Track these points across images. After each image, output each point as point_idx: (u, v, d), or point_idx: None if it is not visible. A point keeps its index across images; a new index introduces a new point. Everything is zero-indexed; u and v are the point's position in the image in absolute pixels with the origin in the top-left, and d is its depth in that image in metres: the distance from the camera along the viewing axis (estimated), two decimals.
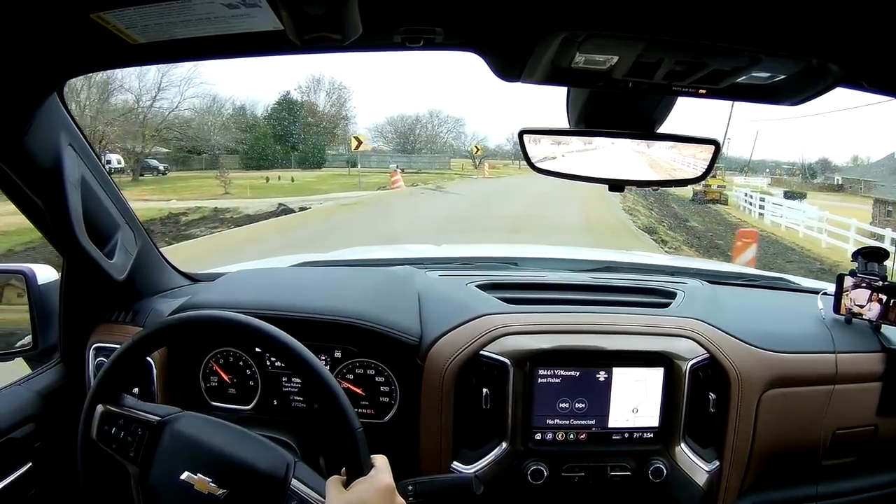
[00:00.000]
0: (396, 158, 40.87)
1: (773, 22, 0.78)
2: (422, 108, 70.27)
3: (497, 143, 58.81)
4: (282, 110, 41.45)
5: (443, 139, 47.28)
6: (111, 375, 1.06)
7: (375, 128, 49.56)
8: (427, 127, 48.81)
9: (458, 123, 48.92)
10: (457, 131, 49.08)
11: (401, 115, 49.46)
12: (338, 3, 0.72)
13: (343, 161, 39.73)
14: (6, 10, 0.83)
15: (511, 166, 46.17)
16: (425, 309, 1.47)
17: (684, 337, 1.39)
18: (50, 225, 1.24)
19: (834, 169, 48.53)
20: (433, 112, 49.44)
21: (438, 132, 48.75)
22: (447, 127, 48.91)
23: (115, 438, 1.03)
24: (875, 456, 1.58)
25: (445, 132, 48.34)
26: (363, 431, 0.96)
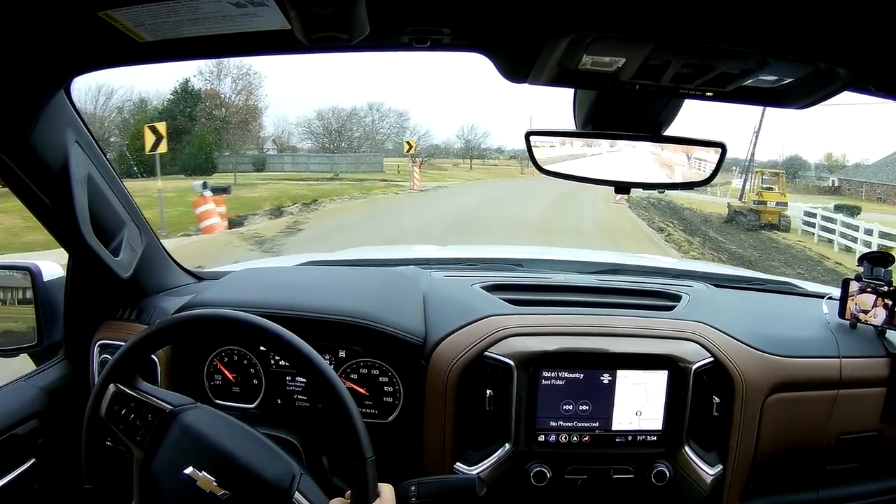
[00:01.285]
0: (316, 159, 35.45)
1: (780, 25, 0.78)
2: (360, 100, 62.91)
3: (444, 138, 52.01)
4: (178, 102, 32.89)
5: (384, 135, 41.19)
6: (129, 356, 1.06)
7: (301, 122, 42.16)
8: (366, 122, 42.13)
9: (402, 118, 42.08)
10: (400, 126, 42.36)
11: (335, 108, 41.67)
12: (345, 3, 0.72)
13: (249, 164, 33.08)
14: (14, 6, 0.83)
15: (460, 167, 41.12)
16: (430, 309, 1.47)
17: (689, 340, 1.39)
18: (56, 222, 1.25)
19: (807, 167, 45.95)
20: (373, 105, 42.26)
21: (379, 127, 42.33)
22: (389, 122, 42.42)
23: (125, 420, 1.03)
24: (879, 461, 1.58)
25: (387, 127, 42.10)
26: (374, 461, 0.96)
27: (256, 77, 36.49)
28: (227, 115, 36.11)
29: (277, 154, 36.77)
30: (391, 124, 41.90)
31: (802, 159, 47.69)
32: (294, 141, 40.73)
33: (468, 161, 42.89)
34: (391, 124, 41.90)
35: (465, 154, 44.04)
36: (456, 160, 44.04)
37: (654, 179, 1.14)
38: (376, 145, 40.63)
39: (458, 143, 46.61)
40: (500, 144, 50.46)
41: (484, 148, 47.23)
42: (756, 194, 18.59)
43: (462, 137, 45.63)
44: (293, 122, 44.65)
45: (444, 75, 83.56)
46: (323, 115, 41.43)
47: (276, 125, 42.43)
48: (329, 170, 31.94)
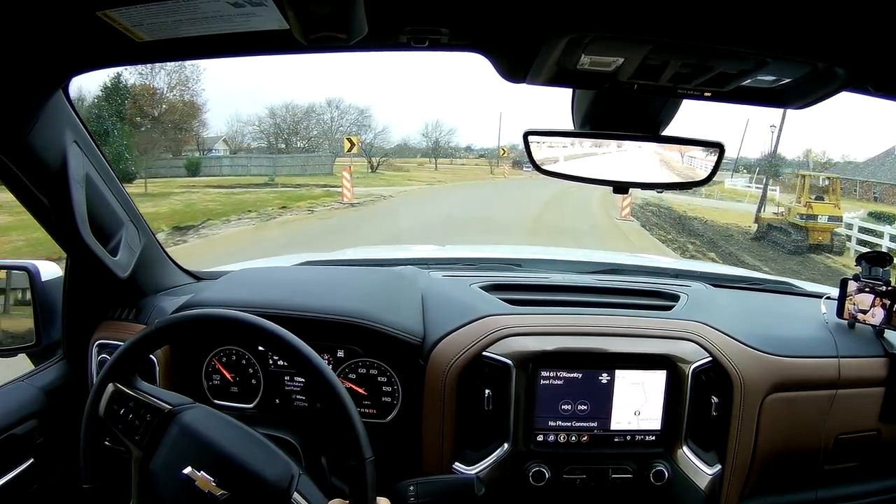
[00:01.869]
0: (257, 161, 30.60)
1: (779, 25, 0.78)
2: (320, 96, 58.17)
3: (404, 134, 47.80)
4: (107, 100, 25.29)
5: (344, 133, 34.38)
6: (128, 356, 1.06)
7: (250, 121, 36.68)
8: (324, 119, 37.40)
9: (364, 115, 37.11)
10: (361, 123, 37.28)
11: (288, 105, 36.53)
12: (344, 3, 0.72)
13: (181, 168, 26.78)
14: (13, 6, 0.83)
15: (426, 166, 37.23)
16: (428, 309, 1.47)
17: (687, 340, 1.39)
18: (54, 222, 1.25)
19: (786, 164, 43.22)
20: (332, 101, 37.38)
21: (339, 125, 37.24)
22: (350, 119, 37.40)
23: (123, 419, 1.03)
24: (877, 461, 1.58)
25: (347, 125, 36.91)
26: (374, 461, 0.96)
27: (194, 70, 30.05)
28: (161, 114, 29.70)
29: (216, 156, 31.62)
30: (352, 122, 37.39)
31: (781, 156, 44.47)
32: (249, 141, 36.04)
33: (432, 161, 39.68)
34: (352, 122, 37.39)
35: (430, 153, 41.10)
36: (423, 159, 40.81)
37: (652, 179, 1.14)
38: (336, 144, 35.04)
39: (423, 142, 42.67)
40: (469, 143, 47.45)
41: (453, 146, 44.04)
42: (804, 206, 14.30)
43: (427, 135, 42.08)
44: (243, 119, 39.94)
45: (409, 70, 79.50)
46: (276, 112, 36.68)
47: (231, 124, 37.44)
48: (272, 172, 27.45)
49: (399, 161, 38.20)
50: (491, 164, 36.39)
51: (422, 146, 42.60)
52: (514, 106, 68.01)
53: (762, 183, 19.40)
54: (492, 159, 37.43)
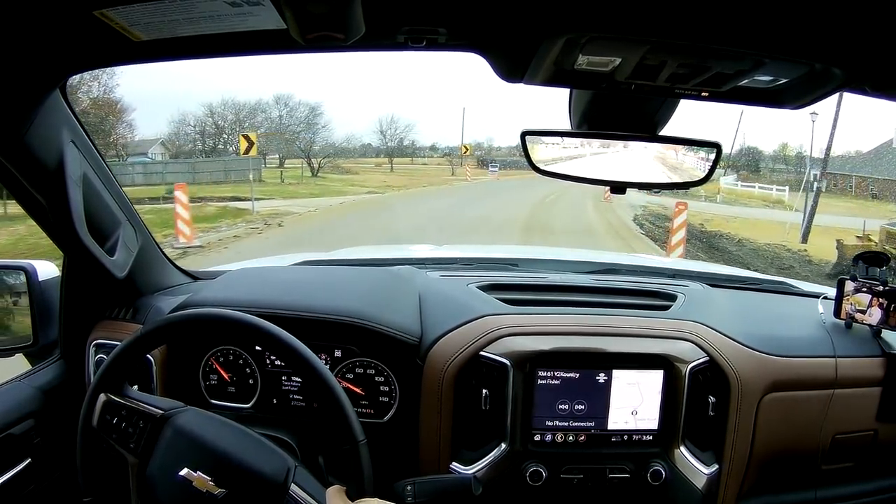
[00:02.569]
0: (172, 167, 26.43)
1: (776, 26, 0.78)
2: (265, 92, 51.96)
3: (359, 132, 42.74)
4: None
5: (293, 132, 33.04)
6: (116, 365, 1.07)
7: (177, 120, 33.46)
8: (272, 117, 34.22)
9: (315, 112, 34.08)
10: (312, 121, 34.52)
11: (229, 101, 34.56)
12: (341, 3, 0.72)
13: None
14: (9, 5, 0.83)
15: (383, 167, 32.96)
16: (426, 309, 1.47)
17: (684, 340, 1.39)
18: (52, 221, 1.25)
19: (761, 157, 39.91)
20: (280, 97, 34.27)
21: (288, 123, 34.15)
22: (299, 116, 34.16)
23: (117, 428, 1.05)
24: (874, 461, 1.58)
25: (296, 123, 33.93)
26: (367, 444, 0.97)
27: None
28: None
29: (133, 162, 27.90)
30: (302, 119, 34.28)
31: (758, 150, 42.58)
32: (192, 143, 33.30)
33: (391, 161, 37.00)
34: (302, 119, 34.28)
35: (386, 152, 38.28)
36: (381, 159, 37.53)
37: (650, 179, 1.15)
38: (286, 145, 33.63)
39: (377, 140, 39.59)
40: (435, 141, 43.94)
41: (417, 146, 40.58)
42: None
43: (382, 132, 38.67)
44: (189, 121, 34.94)
45: (368, 65, 74.97)
46: (215, 110, 33.31)
47: (176, 125, 34.23)
48: (190, 180, 21.96)
49: (349, 162, 34.56)
50: (453, 164, 32.87)
51: (385, 146, 38.84)
52: (478, 102, 65.92)
53: (746, 181, 19.11)
54: (454, 158, 33.72)
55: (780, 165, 33.49)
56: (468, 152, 32.26)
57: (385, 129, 38.85)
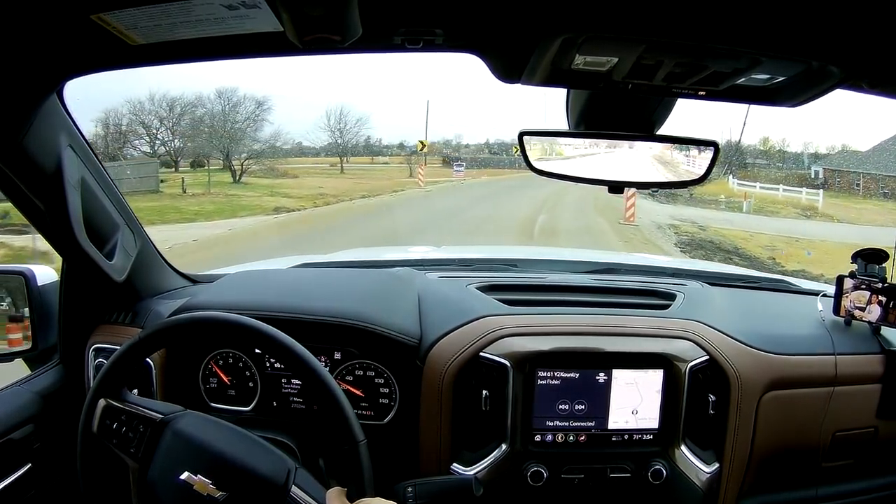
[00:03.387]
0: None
1: (772, 24, 0.78)
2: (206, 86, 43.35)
3: (295, 129, 37.81)
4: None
5: (239, 130, 27.50)
6: (115, 370, 1.07)
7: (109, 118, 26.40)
8: (214, 113, 27.93)
9: (262, 107, 28.39)
10: (258, 117, 28.52)
11: (162, 98, 26.20)
12: (338, 5, 0.72)
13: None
14: (7, 10, 0.83)
15: (326, 171, 28.31)
16: (425, 310, 1.47)
17: (684, 339, 1.39)
18: (50, 226, 1.24)
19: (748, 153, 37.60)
20: (223, 91, 27.87)
21: (234, 119, 27.96)
22: (245, 112, 28.29)
23: (117, 433, 1.04)
24: (875, 458, 1.58)
25: (242, 119, 28.23)
26: (366, 444, 0.97)
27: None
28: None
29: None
30: (248, 115, 28.50)
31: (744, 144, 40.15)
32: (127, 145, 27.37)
33: (341, 161, 31.39)
34: (248, 115, 28.50)
35: (337, 150, 32.17)
36: (332, 159, 31.33)
37: (648, 179, 1.15)
38: (225, 144, 27.32)
39: (327, 138, 32.42)
40: (402, 139, 37.65)
41: (385, 145, 34.51)
42: None
43: (329, 128, 32.23)
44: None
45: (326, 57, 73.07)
46: (139, 108, 26.53)
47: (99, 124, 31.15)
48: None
49: (290, 164, 29.53)
50: (411, 164, 27.95)
51: (336, 143, 32.54)
52: (447, 97, 63.49)
53: (745, 179, 18.52)
54: (413, 157, 29.12)
55: (761, 161, 30.47)
56: (425, 149, 27.47)
57: (334, 123, 32.76)
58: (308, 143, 33.12)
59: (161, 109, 26.35)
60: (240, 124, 27.27)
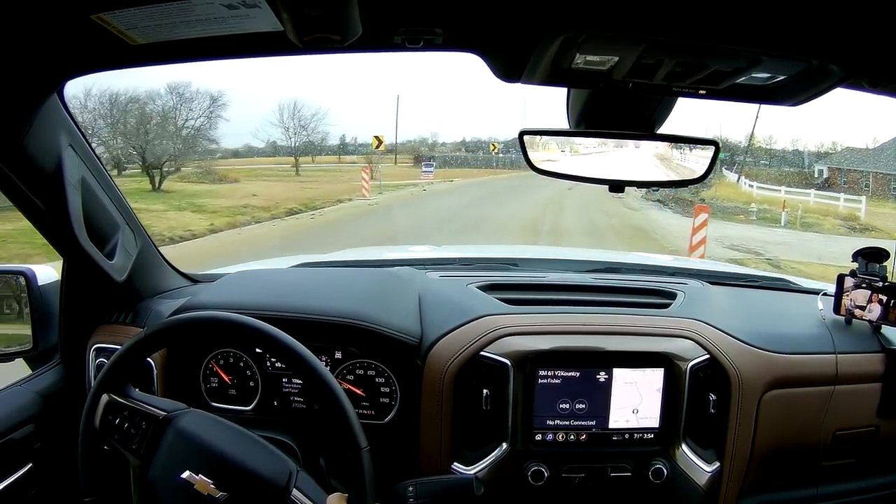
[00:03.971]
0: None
1: (773, 23, 0.78)
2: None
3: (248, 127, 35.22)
4: None
5: (191, 128, 24.22)
6: (119, 366, 1.07)
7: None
8: (165, 109, 24.47)
9: (216, 102, 24.96)
10: (213, 114, 24.98)
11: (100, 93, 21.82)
12: (338, 4, 0.72)
13: None
14: (6, 10, 0.83)
15: (275, 173, 24.26)
16: (425, 310, 1.47)
17: (684, 338, 1.39)
18: (50, 226, 1.24)
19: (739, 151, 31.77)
20: (175, 86, 24.69)
21: (184, 119, 24.71)
22: (199, 108, 25.00)
23: (119, 429, 1.04)
24: (875, 457, 1.58)
25: (195, 117, 24.83)
26: (370, 450, 0.97)
27: None
28: None
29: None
30: (202, 112, 25.24)
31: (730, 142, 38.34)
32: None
33: (296, 161, 27.92)
34: (202, 112, 25.24)
35: (289, 150, 28.71)
36: (286, 158, 27.77)
37: (649, 178, 1.15)
38: (185, 141, 24.23)
39: (283, 136, 29.34)
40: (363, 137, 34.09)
41: (360, 143, 30.36)
42: None
43: (283, 124, 28.92)
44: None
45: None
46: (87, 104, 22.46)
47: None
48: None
49: (237, 165, 26.24)
50: (372, 166, 23.68)
51: (289, 141, 29.14)
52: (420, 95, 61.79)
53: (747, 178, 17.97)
54: (376, 157, 25.61)
55: (748, 159, 28.18)
56: (381, 146, 23.01)
57: (287, 119, 29.41)
58: (258, 141, 30.06)
59: (103, 107, 21.89)
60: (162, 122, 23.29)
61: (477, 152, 37.13)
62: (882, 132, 37.80)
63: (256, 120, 43.81)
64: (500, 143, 36.06)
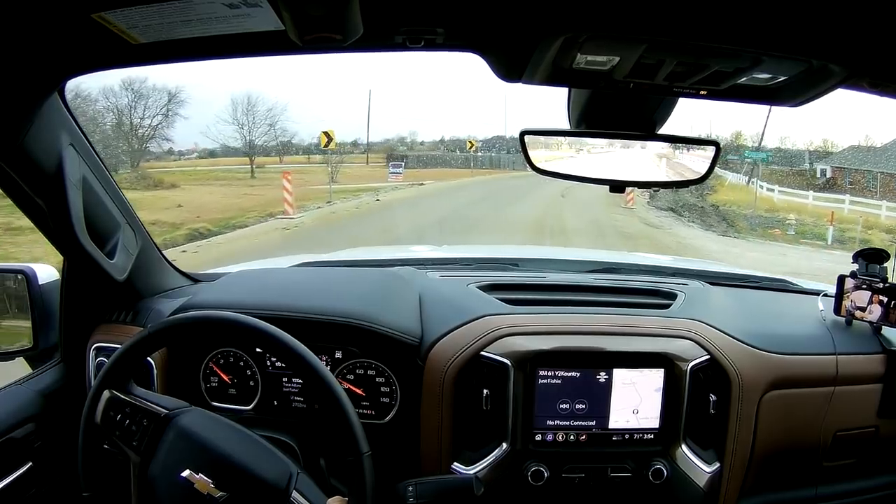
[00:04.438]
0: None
1: (774, 23, 0.78)
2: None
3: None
4: None
5: (146, 127, 22.74)
6: (121, 363, 1.07)
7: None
8: (119, 107, 23.18)
9: (174, 99, 23.75)
10: (170, 111, 23.90)
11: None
12: (339, 4, 0.72)
13: None
14: (8, 9, 0.83)
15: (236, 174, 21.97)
16: (426, 309, 1.47)
17: (685, 338, 1.39)
18: (51, 225, 1.25)
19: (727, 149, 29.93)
20: (129, 82, 23.49)
21: (139, 117, 23.52)
22: (156, 105, 23.66)
23: (120, 426, 1.04)
24: (876, 457, 1.58)
25: (151, 115, 23.32)
26: (371, 456, 0.97)
27: None
28: None
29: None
30: (159, 109, 23.52)
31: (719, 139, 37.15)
32: None
33: (251, 161, 25.18)
34: (159, 109, 23.52)
35: (244, 150, 25.62)
36: (239, 158, 25.04)
37: (649, 178, 1.15)
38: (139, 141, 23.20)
39: (235, 135, 26.33)
40: (356, 137, 32.55)
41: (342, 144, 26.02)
42: None
43: (236, 121, 25.95)
44: None
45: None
46: None
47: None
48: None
49: (188, 167, 24.17)
50: (333, 167, 21.76)
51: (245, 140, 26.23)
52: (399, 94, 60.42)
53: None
54: (332, 156, 22.54)
55: (733, 157, 26.31)
56: (332, 143, 19.15)
57: (240, 114, 26.17)
58: (210, 140, 27.29)
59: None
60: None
61: (455, 151, 36.10)
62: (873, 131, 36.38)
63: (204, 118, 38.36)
64: (478, 142, 35.15)
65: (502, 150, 34.35)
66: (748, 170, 24.01)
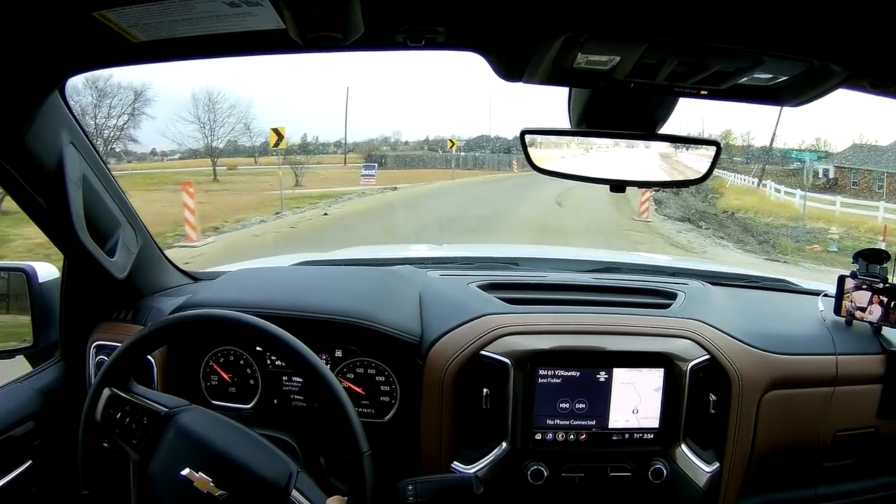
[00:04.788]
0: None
1: (775, 23, 0.78)
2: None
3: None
4: None
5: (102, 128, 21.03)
6: (121, 361, 1.07)
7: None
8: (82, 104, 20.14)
9: (140, 96, 21.72)
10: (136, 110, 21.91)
11: None
12: (340, 3, 0.72)
13: None
14: (8, 7, 0.83)
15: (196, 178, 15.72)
16: (426, 309, 1.47)
17: (685, 338, 1.39)
18: (51, 223, 1.25)
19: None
20: (92, 80, 21.09)
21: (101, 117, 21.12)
22: (119, 105, 21.63)
23: (120, 424, 1.04)
24: (875, 458, 1.58)
25: (117, 114, 21.52)
26: (371, 455, 0.97)
27: None
28: None
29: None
30: (123, 109, 21.56)
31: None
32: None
33: (213, 163, 23.25)
34: (123, 109, 21.56)
35: (207, 150, 23.91)
36: (239, 160, 24.04)
37: (650, 178, 1.15)
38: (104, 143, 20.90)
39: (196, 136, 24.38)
40: (339, 137, 31.51)
41: (315, 143, 27.55)
42: None
43: (198, 120, 24.29)
44: None
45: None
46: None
47: None
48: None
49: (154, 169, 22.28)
50: (295, 169, 20.28)
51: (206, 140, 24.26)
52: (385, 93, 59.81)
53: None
54: (286, 157, 20.77)
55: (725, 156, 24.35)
56: (282, 142, 16.85)
57: (199, 109, 24.15)
58: (168, 140, 25.46)
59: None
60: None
61: (437, 151, 35.45)
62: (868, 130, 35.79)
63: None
64: (461, 141, 34.61)
65: (486, 150, 34.50)
66: (757, 171, 23.60)
